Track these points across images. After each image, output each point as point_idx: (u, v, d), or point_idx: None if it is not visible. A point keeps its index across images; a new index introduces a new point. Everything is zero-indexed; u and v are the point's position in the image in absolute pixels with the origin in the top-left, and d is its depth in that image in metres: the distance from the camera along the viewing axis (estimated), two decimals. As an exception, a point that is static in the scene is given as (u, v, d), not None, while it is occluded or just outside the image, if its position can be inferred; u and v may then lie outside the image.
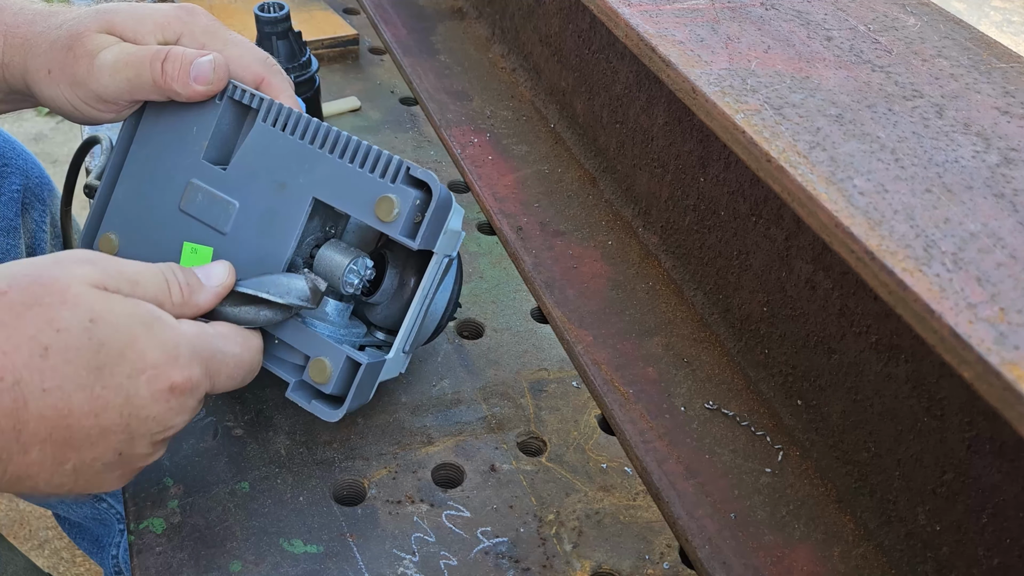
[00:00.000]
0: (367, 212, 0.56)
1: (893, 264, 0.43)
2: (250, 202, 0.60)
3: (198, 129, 0.61)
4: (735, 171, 0.62)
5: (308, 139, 0.59)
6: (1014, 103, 0.55)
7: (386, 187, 0.56)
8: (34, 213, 0.90)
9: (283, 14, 0.87)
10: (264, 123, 0.60)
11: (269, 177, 0.60)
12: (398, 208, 0.55)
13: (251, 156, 0.60)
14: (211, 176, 0.61)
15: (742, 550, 0.53)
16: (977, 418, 0.45)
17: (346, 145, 0.58)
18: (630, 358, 0.65)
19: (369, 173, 0.57)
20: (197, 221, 0.61)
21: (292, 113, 0.60)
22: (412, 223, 0.56)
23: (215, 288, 0.53)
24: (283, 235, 0.59)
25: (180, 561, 0.54)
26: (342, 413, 0.57)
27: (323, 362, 0.57)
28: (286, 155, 0.59)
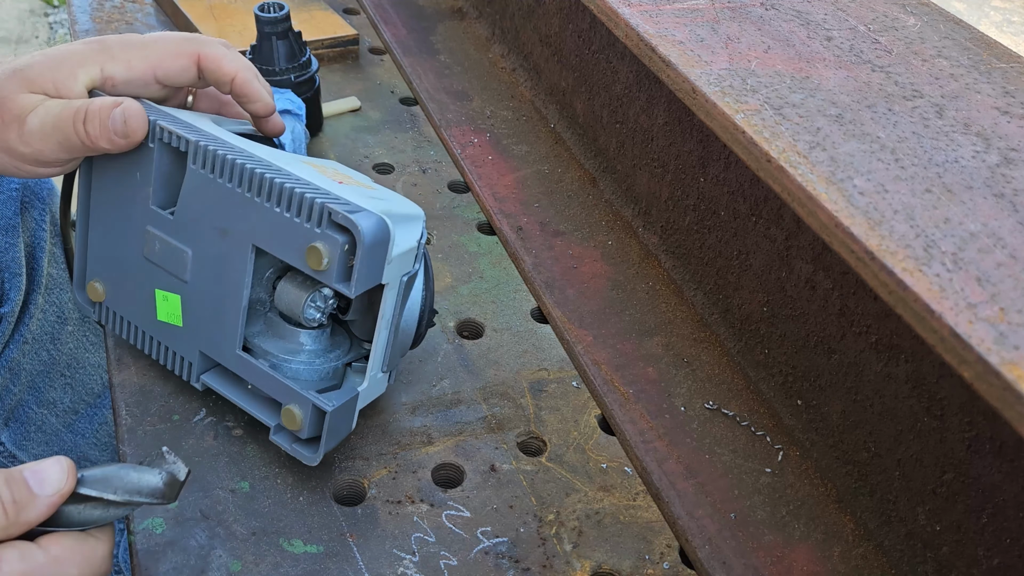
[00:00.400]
0: (301, 260, 0.53)
1: (893, 264, 0.43)
2: (200, 249, 0.58)
3: (141, 175, 0.59)
4: (735, 171, 0.62)
5: (236, 184, 0.55)
6: (1014, 103, 0.55)
7: (313, 234, 0.52)
8: (34, 212, 0.89)
9: (283, 14, 0.87)
10: (194, 167, 0.57)
11: (211, 223, 0.57)
12: (327, 257, 0.52)
13: (191, 202, 0.58)
14: (162, 223, 0.59)
15: (742, 550, 0.53)
16: (977, 418, 0.45)
17: (270, 189, 0.54)
18: (630, 358, 0.65)
19: (296, 219, 0.53)
20: (162, 268, 0.60)
21: (219, 156, 0.56)
22: (345, 268, 0.52)
23: (49, 498, 0.45)
24: (236, 283, 0.57)
25: (180, 561, 0.54)
26: (319, 458, 0.57)
27: (291, 411, 0.56)
28: (222, 200, 0.56)
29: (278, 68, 0.87)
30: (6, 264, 0.84)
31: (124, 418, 0.62)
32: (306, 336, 0.60)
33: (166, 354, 0.63)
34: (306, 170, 0.58)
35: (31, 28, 2.87)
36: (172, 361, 0.62)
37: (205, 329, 0.60)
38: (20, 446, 0.90)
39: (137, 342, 0.64)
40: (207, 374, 0.62)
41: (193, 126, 0.59)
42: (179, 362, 0.62)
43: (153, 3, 1.14)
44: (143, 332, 0.64)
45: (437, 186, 0.88)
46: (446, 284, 0.77)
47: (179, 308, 0.60)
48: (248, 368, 0.59)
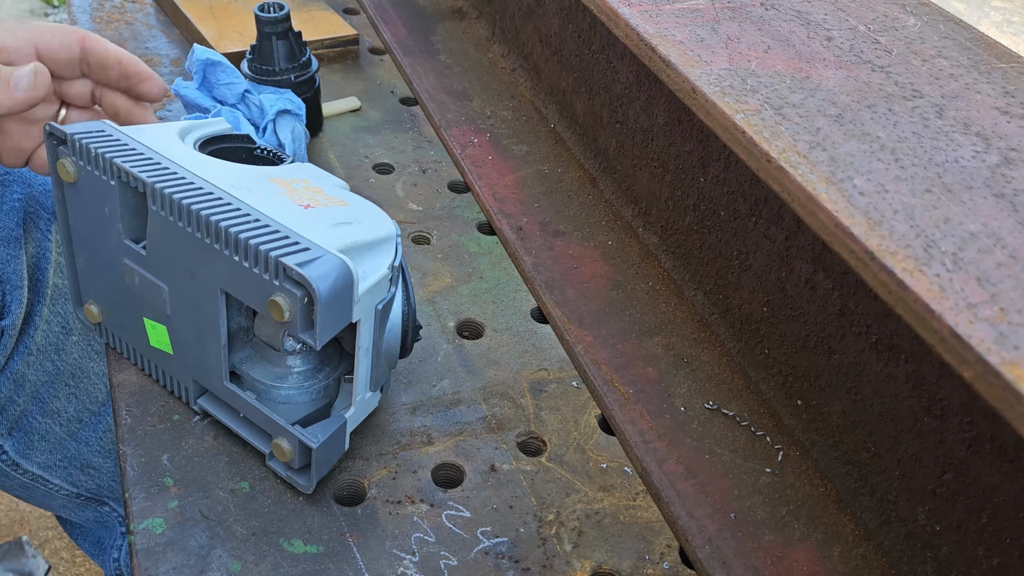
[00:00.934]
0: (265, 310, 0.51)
1: (893, 264, 0.43)
2: (175, 286, 0.57)
3: (108, 209, 0.58)
4: (735, 171, 0.62)
5: (195, 230, 0.53)
6: (1014, 103, 0.55)
7: (272, 287, 0.50)
8: (40, 223, 0.89)
9: (283, 14, 0.87)
10: (155, 208, 0.55)
11: (180, 265, 0.56)
12: (288, 311, 0.50)
13: (157, 241, 0.57)
14: (136, 257, 0.59)
15: (742, 550, 0.53)
16: (977, 418, 0.45)
17: (226, 239, 0.52)
18: (630, 358, 0.65)
19: (255, 270, 0.51)
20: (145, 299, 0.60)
21: (175, 200, 0.53)
22: (308, 318, 0.50)
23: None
24: (211, 323, 0.56)
25: (180, 561, 0.54)
26: (312, 487, 0.57)
27: (280, 445, 0.57)
28: (186, 243, 0.54)
29: (278, 68, 0.87)
30: (7, 276, 0.84)
31: (124, 418, 0.62)
32: (293, 359, 0.60)
33: (164, 376, 0.64)
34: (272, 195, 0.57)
35: (31, 28, 2.86)
36: (171, 384, 0.63)
37: (193, 359, 0.60)
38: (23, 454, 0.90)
39: (138, 363, 0.65)
40: (203, 398, 0.62)
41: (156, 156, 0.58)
42: (176, 385, 0.63)
43: (153, 3, 1.14)
44: (140, 355, 0.64)
45: (437, 186, 0.88)
46: (446, 284, 0.77)
47: (167, 337, 0.60)
48: (236, 399, 0.59)
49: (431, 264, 0.79)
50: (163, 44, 1.06)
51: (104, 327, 0.66)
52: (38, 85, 0.61)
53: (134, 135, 0.60)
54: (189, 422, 0.63)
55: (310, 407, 0.60)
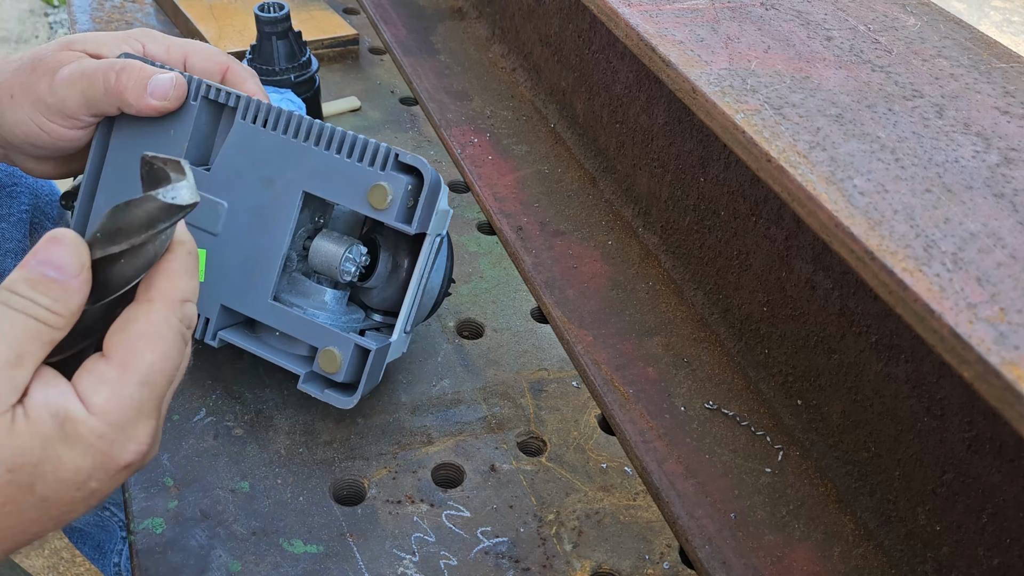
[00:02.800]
0: (360, 201, 0.56)
1: (893, 264, 0.43)
2: (238, 201, 0.59)
3: (176, 132, 0.61)
4: (735, 171, 0.62)
5: (292, 133, 0.58)
6: (1014, 103, 0.55)
7: (376, 175, 0.56)
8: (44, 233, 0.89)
9: (283, 14, 0.87)
10: (244, 120, 0.59)
11: (255, 174, 0.59)
12: (391, 195, 0.56)
13: (234, 155, 0.60)
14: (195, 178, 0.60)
15: (742, 550, 0.53)
16: (977, 418, 0.45)
17: (331, 136, 0.57)
18: (630, 358, 0.65)
19: (358, 163, 0.57)
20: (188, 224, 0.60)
21: (272, 108, 0.59)
22: (406, 208, 0.57)
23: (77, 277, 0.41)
24: (276, 231, 0.59)
25: (180, 561, 0.54)
26: (356, 399, 0.59)
27: (332, 352, 0.58)
28: (270, 151, 0.59)
29: (278, 68, 0.87)
30: None
31: (124, 418, 0.62)
32: (330, 295, 0.62)
33: None
34: None
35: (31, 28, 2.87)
36: None
37: (232, 282, 0.60)
38: None
39: None
40: (225, 331, 0.62)
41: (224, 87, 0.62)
42: None
43: (153, 3, 1.14)
44: None
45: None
46: (446, 284, 0.77)
47: (202, 264, 0.61)
48: (281, 316, 0.60)
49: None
50: (163, 44, 1.06)
51: None
52: (173, 98, 0.59)
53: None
54: (189, 422, 0.63)
55: None
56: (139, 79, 0.58)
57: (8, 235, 0.84)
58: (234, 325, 0.63)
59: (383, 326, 0.64)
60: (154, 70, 0.59)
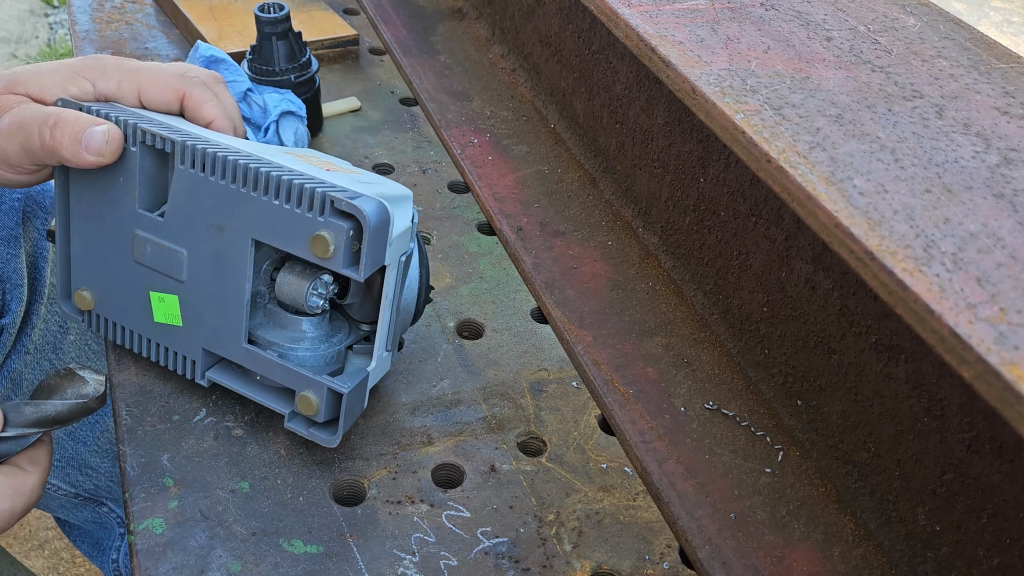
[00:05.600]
0: (306, 249, 0.54)
1: (893, 264, 0.43)
2: (195, 248, 0.58)
3: (124, 180, 0.59)
4: (735, 171, 0.62)
5: (229, 180, 0.55)
6: (1014, 103, 0.55)
7: (316, 223, 0.53)
8: (36, 222, 0.89)
9: (283, 14, 0.87)
10: (183, 167, 0.57)
11: (205, 221, 0.57)
12: (332, 244, 0.53)
13: (181, 202, 0.58)
14: (151, 225, 0.59)
15: (742, 550, 0.53)
16: (977, 418, 0.45)
17: (267, 183, 0.54)
18: (630, 358, 0.65)
19: (297, 209, 0.54)
20: (155, 271, 0.60)
21: (207, 153, 0.56)
22: (351, 253, 0.54)
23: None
24: (235, 277, 0.57)
25: (180, 561, 0.54)
26: (338, 439, 0.58)
27: (307, 397, 0.57)
28: (214, 197, 0.56)
29: (278, 68, 0.87)
30: (7, 275, 0.84)
31: (124, 418, 0.62)
32: (308, 324, 0.61)
33: (166, 355, 0.63)
34: (291, 160, 0.59)
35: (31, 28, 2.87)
36: (174, 361, 0.62)
37: (207, 326, 0.60)
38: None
39: (134, 346, 0.64)
40: (212, 370, 0.62)
41: (171, 126, 0.59)
42: (181, 361, 0.62)
43: (153, 3, 1.14)
44: (139, 336, 0.64)
45: (437, 186, 0.88)
46: (446, 284, 0.77)
47: (177, 308, 0.60)
48: (256, 360, 0.59)
49: (431, 264, 0.79)
50: (163, 44, 1.06)
51: (95, 314, 0.65)
52: (108, 151, 0.57)
53: (146, 115, 0.61)
54: (189, 422, 0.63)
55: (323, 371, 0.60)
56: (73, 134, 0.56)
57: (1, 223, 0.84)
58: (220, 362, 0.62)
59: (372, 334, 0.64)
60: (89, 120, 0.57)
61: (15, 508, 0.53)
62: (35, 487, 0.54)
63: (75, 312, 0.66)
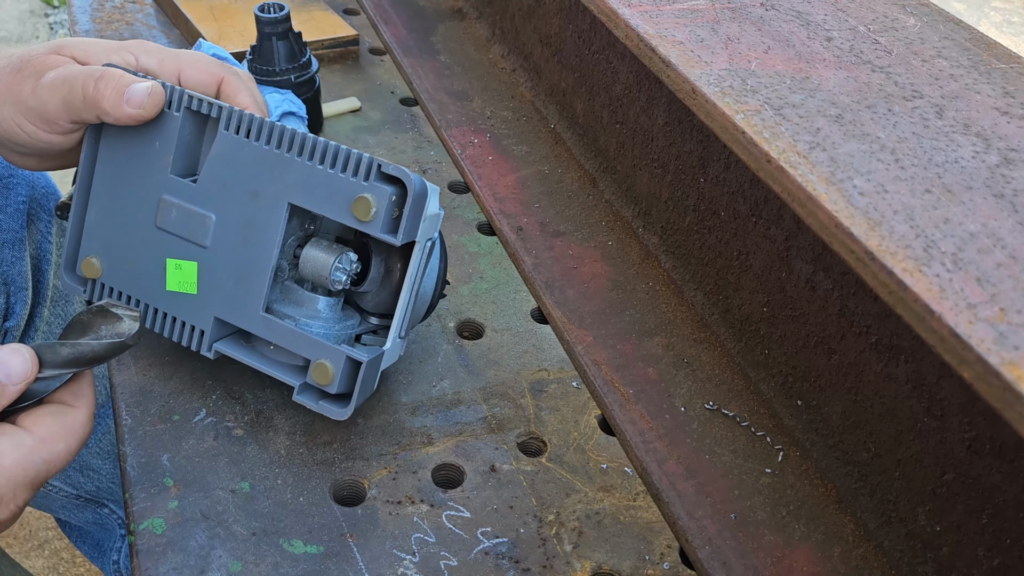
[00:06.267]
0: (344, 213, 0.56)
1: (893, 264, 0.43)
2: (226, 213, 0.59)
3: (160, 144, 0.60)
4: (735, 171, 0.62)
5: (274, 144, 0.58)
6: (1014, 103, 0.55)
7: (360, 186, 0.56)
8: (40, 224, 0.89)
9: (283, 14, 0.87)
10: (226, 132, 0.59)
11: (241, 186, 0.59)
12: (375, 207, 0.55)
13: (218, 166, 0.59)
14: (182, 190, 0.60)
15: (742, 550, 0.53)
16: (977, 418, 0.45)
17: (314, 147, 0.57)
18: (630, 358, 0.65)
19: (341, 173, 0.56)
20: (176, 237, 0.60)
21: (254, 119, 0.58)
22: (391, 219, 0.56)
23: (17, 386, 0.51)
24: (264, 243, 0.58)
25: (180, 561, 0.54)
26: (350, 411, 0.58)
27: (324, 365, 0.57)
28: (254, 162, 0.58)
29: (278, 68, 0.87)
30: (12, 278, 0.84)
31: (124, 418, 0.62)
32: (323, 303, 0.62)
33: (173, 325, 0.62)
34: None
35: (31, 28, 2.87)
36: (180, 332, 0.62)
37: (224, 294, 0.60)
38: None
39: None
40: (220, 343, 0.61)
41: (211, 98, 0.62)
42: (188, 332, 0.62)
43: (153, 3, 1.14)
44: (146, 305, 0.63)
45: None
46: (446, 284, 0.77)
47: (194, 276, 0.61)
48: (272, 328, 0.59)
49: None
50: (163, 44, 1.06)
51: (100, 283, 0.64)
52: (149, 105, 0.58)
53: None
54: (189, 422, 0.63)
55: None
56: (117, 87, 0.58)
57: (5, 226, 0.84)
58: (229, 336, 0.62)
59: (380, 328, 0.64)
60: (133, 79, 0.58)
61: (70, 447, 0.52)
62: (85, 423, 0.53)
63: (78, 283, 0.65)
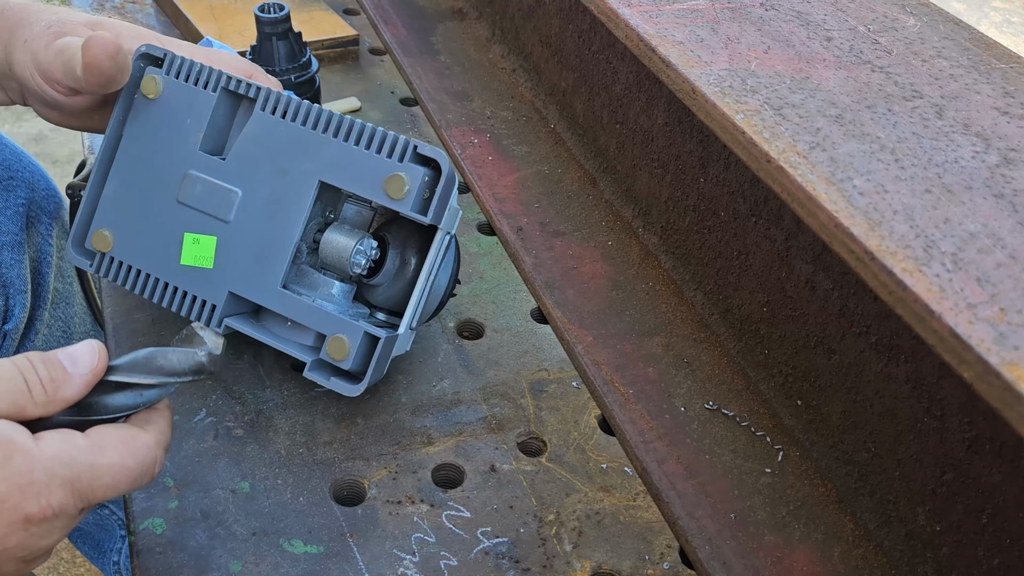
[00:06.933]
0: (376, 191, 0.58)
1: (893, 264, 0.43)
2: (253, 189, 0.60)
3: (192, 121, 0.62)
4: (735, 171, 0.62)
5: (311, 124, 0.60)
6: (1014, 103, 0.55)
7: (394, 166, 0.57)
8: (40, 227, 0.89)
9: (283, 15, 0.87)
10: (263, 112, 0.61)
11: (271, 164, 0.60)
12: (408, 185, 0.57)
13: (251, 145, 0.61)
14: (209, 166, 0.61)
15: (742, 550, 0.53)
16: (977, 418, 0.45)
17: (350, 128, 0.59)
18: (630, 358, 0.65)
19: (376, 154, 0.58)
20: (197, 212, 0.61)
21: (291, 99, 0.60)
22: (422, 200, 0.58)
23: (84, 376, 0.47)
24: (289, 220, 0.60)
25: (180, 561, 0.54)
26: (363, 387, 0.59)
27: (341, 340, 0.58)
28: (287, 142, 0.60)
29: (278, 69, 0.87)
30: (11, 280, 0.84)
31: (124, 418, 0.62)
32: (337, 288, 0.63)
33: (183, 300, 0.62)
34: None
35: (31, 29, 2.86)
36: (190, 307, 0.62)
37: (242, 269, 0.61)
38: None
39: (146, 291, 0.63)
40: (231, 319, 0.62)
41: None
42: (199, 307, 0.62)
43: (153, 3, 1.14)
44: (155, 280, 0.63)
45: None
46: (446, 284, 0.77)
47: (212, 250, 0.61)
48: (290, 304, 0.60)
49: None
50: (163, 44, 1.06)
51: (110, 257, 0.64)
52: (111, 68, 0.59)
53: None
54: (189, 422, 0.63)
55: None
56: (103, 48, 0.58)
57: (4, 228, 0.84)
58: (239, 315, 0.62)
59: (386, 325, 0.65)
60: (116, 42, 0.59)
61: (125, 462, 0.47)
62: (149, 444, 0.48)
63: (86, 257, 0.65)
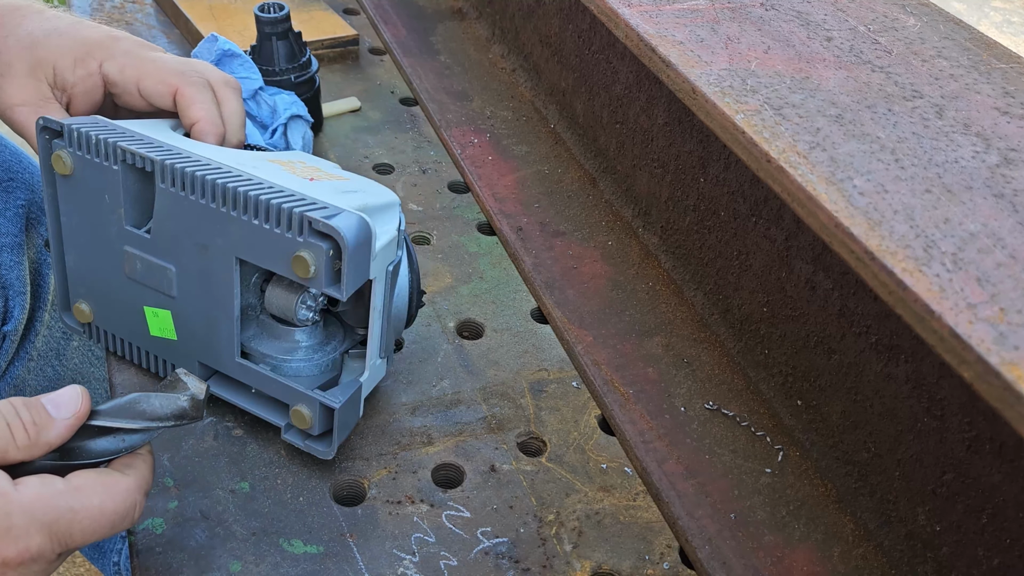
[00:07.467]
0: (288, 269, 0.53)
1: (893, 264, 0.43)
2: (183, 265, 0.58)
3: (109, 197, 0.58)
4: (735, 171, 0.62)
5: (209, 199, 0.54)
6: (1014, 103, 0.55)
7: (296, 243, 0.52)
8: (40, 228, 0.89)
9: (283, 14, 0.86)
10: (164, 186, 0.56)
11: (190, 240, 0.57)
12: (313, 265, 0.52)
13: (165, 220, 0.57)
14: (139, 242, 0.59)
15: (742, 550, 0.53)
16: (977, 418, 0.45)
17: (246, 202, 0.53)
18: (630, 358, 0.65)
19: (277, 229, 0.52)
20: (146, 286, 0.60)
21: (187, 173, 0.55)
22: (332, 272, 0.53)
23: (66, 420, 0.47)
24: (223, 294, 0.57)
25: (180, 561, 0.54)
26: (333, 452, 0.58)
27: (300, 412, 0.57)
28: (197, 216, 0.55)
29: (278, 68, 0.87)
30: (11, 282, 0.84)
31: (124, 418, 0.62)
32: (301, 334, 0.61)
33: (165, 367, 0.63)
34: (275, 171, 0.58)
35: (31, 28, 2.86)
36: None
37: (201, 341, 0.60)
38: None
39: (134, 358, 0.65)
40: (210, 380, 0.62)
41: (155, 141, 0.58)
42: None
43: (153, 3, 1.14)
44: (138, 348, 0.64)
45: (437, 186, 0.88)
46: (446, 284, 0.77)
47: (171, 322, 0.60)
48: (249, 374, 0.59)
49: (431, 264, 0.79)
50: (163, 44, 1.06)
51: (95, 326, 0.65)
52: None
53: (128, 126, 0.60)
54: (189, 422, 0.63)
55: (319, 380, 0.60)
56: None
57: (4, 229, 0.84)
58: (218, 374, 0.62)
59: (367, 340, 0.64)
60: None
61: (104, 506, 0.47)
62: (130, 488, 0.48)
63: (76, 324, 0.66)
